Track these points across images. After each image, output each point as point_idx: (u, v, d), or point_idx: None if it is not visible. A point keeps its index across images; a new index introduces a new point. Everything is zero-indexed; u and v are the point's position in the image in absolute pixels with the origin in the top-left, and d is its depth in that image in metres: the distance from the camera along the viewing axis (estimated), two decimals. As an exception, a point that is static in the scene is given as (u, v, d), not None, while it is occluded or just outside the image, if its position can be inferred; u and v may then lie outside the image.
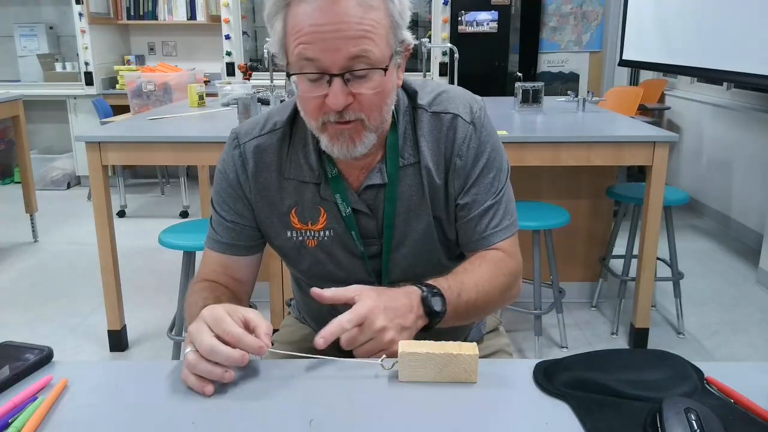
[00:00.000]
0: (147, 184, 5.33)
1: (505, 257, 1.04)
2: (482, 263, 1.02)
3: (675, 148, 4.61)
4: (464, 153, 1.01)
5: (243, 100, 2.43)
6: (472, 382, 0.81)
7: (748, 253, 3.62)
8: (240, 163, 1.04)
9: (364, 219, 1.03)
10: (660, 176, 2.34)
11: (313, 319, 1.23)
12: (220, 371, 0.78)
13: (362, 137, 0.92)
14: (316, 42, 0.85)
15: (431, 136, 1.02)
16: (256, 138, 1.04)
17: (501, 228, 1.04)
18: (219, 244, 1.07)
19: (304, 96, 0.91)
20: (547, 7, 5.16)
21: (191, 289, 1.05)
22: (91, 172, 2.33)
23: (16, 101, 3.66)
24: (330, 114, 0.89)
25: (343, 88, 0.86)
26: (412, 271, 1.06)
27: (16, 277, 3.33)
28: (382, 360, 0.84)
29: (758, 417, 0.74)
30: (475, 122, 1.02)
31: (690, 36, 3.67)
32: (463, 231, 1.05)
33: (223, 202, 1.06)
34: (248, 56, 5.09)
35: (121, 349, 2.54)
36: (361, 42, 0.85)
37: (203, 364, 0.78)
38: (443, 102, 1.03)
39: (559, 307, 2.52)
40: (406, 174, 1.02)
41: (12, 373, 0.81)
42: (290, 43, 0.88)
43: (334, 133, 0.92)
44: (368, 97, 0.89)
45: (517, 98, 2.99)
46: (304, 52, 0.86)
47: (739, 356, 2.52)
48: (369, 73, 0.87)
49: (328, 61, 0.85)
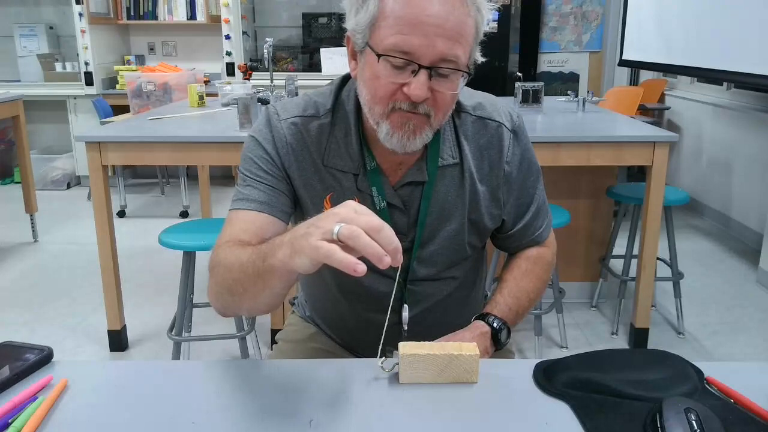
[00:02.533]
0: (147, 184, 5.33)
1: (546, 251, 1.17)
2: (528, 266, 1.13)
3: (675, 148, 4.61)
4: (511, 160, 1.07)
5: (243, 100, 2.43)
6: (472, 383, 0.81)
7: (748, 253, 3.62)
8: (280, 137, 1.02)
9: (397, 214, 1.04)
10: (660, 176, 2.34)
11: (321, 318, 1.23)
12: (380, 250, 0.70)
13: (423, 132, 0.93)
14: (416, 34, 0.86)
15: (474, 139, 1.05)
16: (298, 117, 1.03)
17: (545, 227, 1.16)
18: (254, 203, 1.00)
19: (382, 79, 0.90)
20: (547, 7, 5.16)
21: (216, 252, 0.94)
22: (91, 172, 2.33)
23: (16, 101, 3.66)
24: (403, 102, 0.90)
25: (426, 82, 0.88)
26: (435, 268, 1.09)
27: (16, 277, 3.33)
28: (382, 362, 0.83)
29: (758, 417, 0.74)
30: (516, 130, 1.08)
31: (690, 36, 3.67)
32: (515, 236, 1.14)
33: (258, 168, 1.02)
34: (248, 56, 5.09)
35: (121, 349, 2.54)
36: (455, 45, 0.87)
37: (365, 237, 0.70)
38: (486, 108, 1.07)
39: (559, 307, 2.52)
40: (444, 174, 1.03)
41: (12, 373, 0.81)
42: (384, 26, 0.88)
43: (399, 120, 0.92)
44: (444, 96, 0.91)
45: (517, 98, 2.99)
46: (401, 44, 0.86)
47: (739, 356, 2.52)
48: (452, 75, 0.90)
49: (422, 53, 0.87)
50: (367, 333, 1.13)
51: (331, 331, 1.22)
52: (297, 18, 5.32)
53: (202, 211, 3.86)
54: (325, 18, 5.24)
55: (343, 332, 1.20)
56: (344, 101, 1.03)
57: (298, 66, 5.22)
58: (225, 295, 0.92)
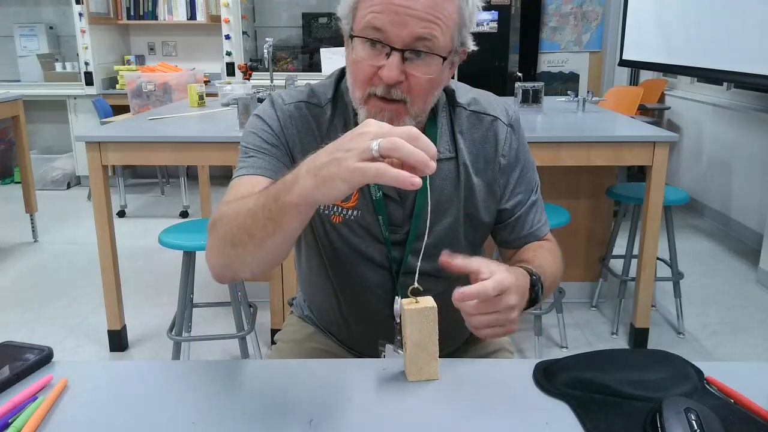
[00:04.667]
0: (147, 184, 5.33)
1: (555, 245, 1.14)
2: (543, 252, 1.08)
3: (675, 148, 4.61)
4: (507, 153, 1.07)
5: (243, 100, 2.43)
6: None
7: (748, 253, 3.62)
8: (285, 116, 1.02)
9: (392, 205, 1.04)
10: (660, 176, 2.34)
11: (321, 317, 1.23)
12: (425, 156, 0.68)
13: (401, 121, 0.93)
14: (387, 13, 0.86)
15: (469, 134, 1.05)
16: (303, 102, 1.04)
17: (544, 222, 1.13)
18: (259, 169, 0.97)
19: (359, 61, 0.91)
20: (547, 7, 5.16)
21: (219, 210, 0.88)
22: (91, 172, 2.33)
23: (16, 101, 3.66)
24: (378, 87, 0.90)
25: (399, 64, 0.88)
26: (429, 262, 1.06)
27: (16, 277, 3.33)
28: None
29: (758, 417, 0.74)
30: (512, 124, 1.08)
31: (690, 36, 3.67)
32: (512, 228, 1.11)
33: (262, 141, 1.00)
34: (248, 56, 5.09)
35: (121, 349, 2.54)
36: (430, 26, 0.87)
37: (409, 145, 0.67)
38: (481, 103, 1.07)
39: (559, 307, 2.52)
40: (441, 168, 1.03)
41: (12, 373, 0.81)
42: (361, 8, 0.90)
43: (375, 109, 0.92)
44: (419, 80, 0.90)
45: (517, 98, 2.99)
46: (373, 21, 0.87)
47: (739, 356, 2.52)
48: (427, 58, 0.89)
49: (393, 34, 0.87)
50: (365, 328, 1.14)
51: (329, 330, 1.22)
52: (297, 18, 5.32)
53: (202, 211, 3.85)
54: (325, 18, 5.25)
55: (341, 330, 1.20)
56: (343, 92, 1.04)
57: (298, 66, 5.23)
58: (227, 249, 0.85)
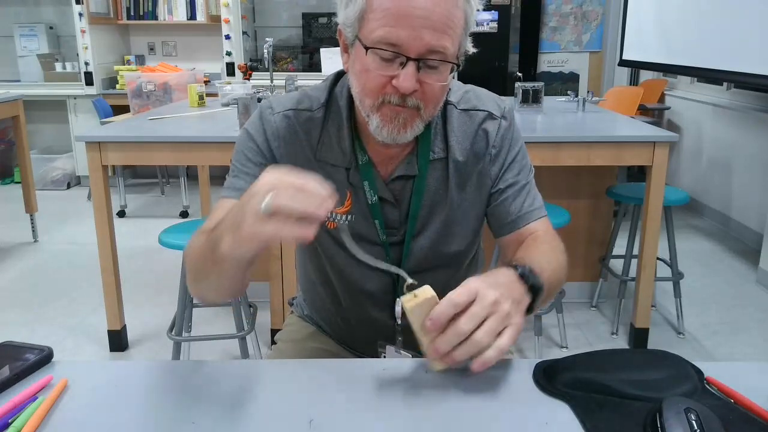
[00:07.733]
0: (147, 184, 5.33)
1: (555, 237, 1.06)
2: (541, 245, 1.02)
3: (675, 148, 4.61)
4: (499, 143, 1.05)
5: (243, 100, 2.43)
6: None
7: (748, 253, 3.61)
8: (272, 129, 1.02)
9: (388, 208, 1.04)
10: (660, 176, 2.34)
11: (322, 318, 1.23)
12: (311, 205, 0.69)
13: (414, 124, 0.94)
14: (403, 27, 0.86)
15: (460, 131, 1.05)
16: (291, 110, 1.04)
17: (536, 207, 1.07)
18: (240, 191, 0.96)
19: (372, 72, 0.90)
20: (547, 7, 5.16)
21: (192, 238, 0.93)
22: (91, 172, 2.33)
23: (16, 101, 3.66)
24: (392, 95, 0.91)
25: (414, 74, 0.88)
26: (427, 261, 1.08)
27: (16, 277, 3.33)
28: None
29: (758, 417, 0.74)
30: (505, 115, 1.07)
31: (690, 36, 3.67)
32: (500, 211, 1.07)
33: (246, 159, 1.02)
34: (248, 56, 5.09)
35: (121, 349, 2.54)
36: (443, 36, 0.87)
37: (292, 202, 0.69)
38: (471, 100, 1.06)
39: (559, 307, 2.52)
40: (435, 168, 1.04)
41: (12, 373, 0.81)
42: (372, 19, 0.88)
43: (389, 114, 0.92)
44: (433, 88, 0.91)
45: (517, 98, 2.99)
46: (388, 37, 0.86)
47: (739, 356, 2.52)
48: (440, 66, 0.90)
49: (409, 46, 0.87)
50: (365, 329, 1.14)
51: (329, 330, 1.22)
52: (297, 18, 5.32)
53: (202, 211, 3.85)
54: (325, 18, 5.25)
55: (341, 330, 1.20)
56: (338, 96, 1.03)
57: (298, 66, 5.23)
58: (193, 280, 0.93)
